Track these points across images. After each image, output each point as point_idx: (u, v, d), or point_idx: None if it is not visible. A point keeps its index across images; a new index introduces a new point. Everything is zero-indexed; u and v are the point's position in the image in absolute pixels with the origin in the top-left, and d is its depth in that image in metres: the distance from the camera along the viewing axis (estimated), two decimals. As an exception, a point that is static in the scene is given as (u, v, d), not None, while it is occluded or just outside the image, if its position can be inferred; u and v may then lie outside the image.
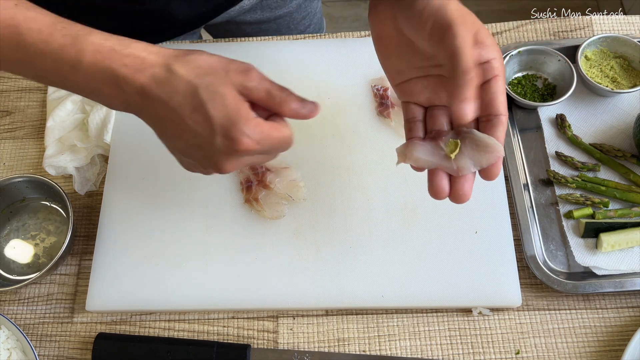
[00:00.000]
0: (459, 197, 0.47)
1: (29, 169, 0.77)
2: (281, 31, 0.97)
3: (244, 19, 0.92)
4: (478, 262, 0.66)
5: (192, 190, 0.72)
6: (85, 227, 0.73)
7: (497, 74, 0.45)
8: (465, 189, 0.47)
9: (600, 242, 0.66)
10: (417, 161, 0.48)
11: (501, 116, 0.46)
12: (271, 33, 0.96)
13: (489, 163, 0.46)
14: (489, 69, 0.45)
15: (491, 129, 0.46)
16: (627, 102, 0.75)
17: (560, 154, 0.72)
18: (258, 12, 0.92)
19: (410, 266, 0.66)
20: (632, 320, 0.64)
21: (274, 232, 0.69)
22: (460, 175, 0.47)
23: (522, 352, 0.63)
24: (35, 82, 0.49)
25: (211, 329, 0.66)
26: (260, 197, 0.69)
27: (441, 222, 0.68)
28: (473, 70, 0.43)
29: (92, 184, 0.74)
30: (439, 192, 0.48)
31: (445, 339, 0.64)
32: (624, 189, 0.69)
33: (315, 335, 0.65)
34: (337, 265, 0.66)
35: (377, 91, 0.75)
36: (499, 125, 0.46)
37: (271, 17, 0.93)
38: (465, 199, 0.47)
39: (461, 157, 0.47)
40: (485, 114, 0.46)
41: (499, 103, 0.45)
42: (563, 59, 0.74)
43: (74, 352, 0.66)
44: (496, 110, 0.45)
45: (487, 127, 0.46)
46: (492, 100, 0.45)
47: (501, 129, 0.46)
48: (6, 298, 0.69)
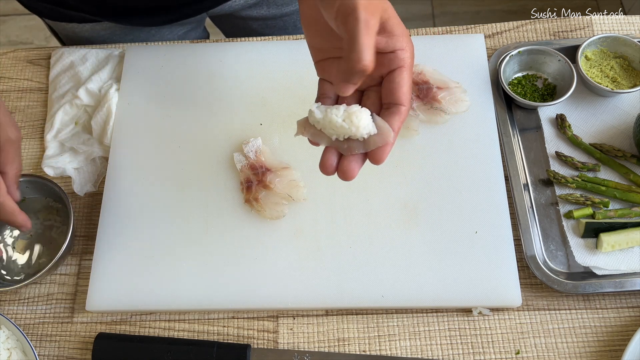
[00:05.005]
0: (344, 174, 0.48)
1: (29, 169, 0.77)
2: (288, 29, 0.97)
3: (250, 14, 0.92)
4: (478, 262, 0.66)
5: (192, 190, 0.72)
6: (85, 227, 0.73)
7: (402, 65, 0.46)
8: (352, 167, 0.48)
9: (600, 242, 0.66)
10: (313, 135, 0.50)
11: (401, 106, 0.47)
12: (277, 30, 0.96)
13: (375, 145, 0.47)
14: (394, 59, 0.46)
15: (388, 116, 0.47)
16: (627, 102, 0.75)
17: (560, 154, 0.72)
18: (264, 8, 0.92)
19: (410, 266, 0.66)
20: (632, 320, 0.64)
21: (274, 232, 0.69)
22: (349, 155, 0.48)
23: (522, 352, 0.63)
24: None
25: (211, 329, 0.66)
26: (260, 197, 0.69)
27: (441, 222, 0.68)
28: (365, 58, 0.42)
29: (92, 185, 0.74)
30: (327, 167, 0.49)
31: (445, 339, 0.64)
32: (624, 189, 0.69)
33: (315, 335, 0.65)
34: (337, 265, 0.66)
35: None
36: (396, 113, 0.47)
37: (277, 14, 0.94)
38: (350, 175, 0.48)
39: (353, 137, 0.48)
40: (387, 101, 0.48)
41: (400, 93, 0.47)
42: (563, 59, 0.74)
43: (74, 352, 0.66)
44: (396, 99, 0.47)
45: (385, 114, 0.48)
46: (393, 89, 0.47)
47: (397, 118, 0.47)
48: (6, 298, 0.69)
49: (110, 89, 0.77)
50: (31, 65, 0.84)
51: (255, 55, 0.80)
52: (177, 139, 0.75)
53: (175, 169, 0.73)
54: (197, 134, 0.75)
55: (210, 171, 0.73)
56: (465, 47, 0.78)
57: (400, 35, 0.46)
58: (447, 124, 0.73)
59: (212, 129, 0.75)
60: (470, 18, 1.97)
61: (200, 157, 0.74)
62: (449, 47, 0.78)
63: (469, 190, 0.69)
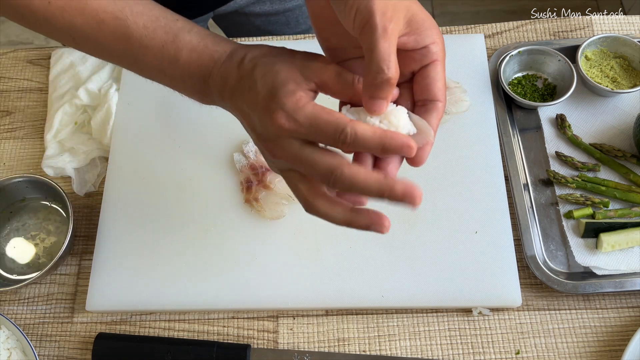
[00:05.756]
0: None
1: (29, 169, 0.77)
2: (290, 24, 0.96)
3: (252, 10, 0.92)
4: (478, 262, 0.66)
5: (192, 190, 0.72)
6: (85, 227, 0.73)
7: (436, 58, 0.43)
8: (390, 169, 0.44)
9: (600, 242, 0.66)
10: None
11: (437, 102, 0.44)
12: (280, 26, 0.96)
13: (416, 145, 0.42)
14: (426, 54, 0.43)
15: (425, 113, 0.44)
16: (627, 102, 0.75)
17: (560, 154, 0.72)
18: (267, 4, 0.91)
19: (410, 266, 0.66)
20: (632, 320, 0.64)
21: (274, 232, 0.69)
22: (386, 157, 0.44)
23: (522, 352, 0.63)
24: (136, 73, 0.52)
25: (211, 329, 0.66)
26: (260, 197, 0.69)
27: (441, 222, 0.68)
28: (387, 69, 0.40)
29: (91, 185, 0.74)
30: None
31: (445, 339, 0.64)
32: (624, 189, 0.69)
33: (315, 335, 0.65)
34: (337, 265, 0.66)
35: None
36: (433, 110, 0.44)
37: (280, 9, 0.93)
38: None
39: None
40: (421, 98, 0.44)
41: (436, 89, 0.44)
42: (563, 59, 0.74)
43: (74, 352, 0.66)
44: (432, 95, 0.44)
45: (421, 111, 0.44)
46: (428, 85, 0.44)
47: (435, 115, 0.44)
48: (6, 298, 0.69)
49: (110, 89, 0.77)
50: (31, 65, 0.84)
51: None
52: (177, 139, 0.75)
53: (175, 169, 0.73)
54: (197, 134, 0.75)
55: (210, 171, 0.73)
56: (465, 47, 0.78)
57: (429, 28, 0.43)
58: (447, 124, 0.73)
59: (212, 129, 0.75)
60: (470, 18, 1.97)
61: (200, 157, 0.74)
62: (448, 47, 0.77)
63: (469, 190, 0.69)
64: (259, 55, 0.45)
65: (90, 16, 0.48)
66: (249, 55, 0.46)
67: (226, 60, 0.47)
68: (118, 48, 0.49)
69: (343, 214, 0.44)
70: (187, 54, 0.47)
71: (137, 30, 0.48)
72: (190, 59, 0.47)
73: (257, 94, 0.43)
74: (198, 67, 0.47)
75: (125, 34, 0.48)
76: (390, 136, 0.40)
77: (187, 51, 0.47)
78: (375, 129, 0.41)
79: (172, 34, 0.48)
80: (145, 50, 0.48)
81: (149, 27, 0.48)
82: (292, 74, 0.43)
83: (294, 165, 0.44)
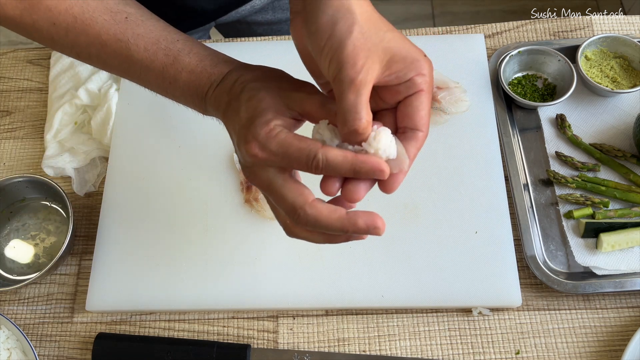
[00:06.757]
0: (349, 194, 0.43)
1: (29, 169, 0.77)
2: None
3: (255, 19, 0.92)
4: (478, 262, 0.66)
5: (192, 190, 0.72)
6: (85, 227, 0.73)
7: (421, 89, 0.43)
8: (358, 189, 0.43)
9: (600, 242, 0.66)
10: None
11: (418, 132, 0.43)
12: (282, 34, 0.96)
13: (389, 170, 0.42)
14: (410, 85, 0.43)
15: (404, 140, 0.43)
16: (627, 102, 0.75)
17: (560, 154, 0.72)
18: (269, 12, 0.91)
19: (410, 266, 0.66)
20: (632, 320, 0.64)
21: (274, 232, 0.69)
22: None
23: (522, 352, 0.63)
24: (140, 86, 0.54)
25: (211, 329, 0.66)
26: (260, 197, 0.69)
27: (441, 222, 0.68)
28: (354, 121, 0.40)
29: (91, 185, 0.74)
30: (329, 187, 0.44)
31: (445, 339, 0.64)
32: (624, 189, 0.69)
33: (315, 335, 0.65)
34: (337, 265, 0.66)
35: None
36: (412, 139, 0.43)
37: (282, 18, 0.93)
38: (355, 197, 0.43)
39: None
40: (402, 125, 0.44)
41: (418, 117, 0.43)
42: (563, 59, 0.74)
43: (74, 352, 0.66)
44: (413, 124, 0.43)
45: (401, 138, 0.43)
46: (410, 114, 0.43)
47: (414, 144, 0.43)
48: (6, 298, 0.69)
49: (110, 89, 0.77)
50: (31, 65, 0.84)
51: (255, 55, 0.80)
52: (177, 139, 0.75)
53: (175, 168, 0.73)
54: (197, 134, 0.75)
55: (210, 171, 0.73)
56: (465, 47, 0.78)
57: (413, 61, 0.42)
58: (447, 124, 0.73)
59: (212, 129, 0.75)
60: (470, 18, 1.97)
61: (200, 157, 0.74)
62: (449, 47, 0.78)
63: (469, 190, 0.69)
64: (249, 80, 0.46)
65: (93, 37, 0.50)
66: (240, 79, 0.47)
67: (220, 83, 0.48)
68: (121, 67, 0.51)
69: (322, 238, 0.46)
70: (187, 75, 0.49)
71: (138, 53, 0.50)
72: (189, 80, 0.49)
73: (240, 120, 0.44)
74: (196, 88, 0.49)
75: (127, 56, 0.50)
76: (362, 160, 0.41)
77: (186, 73, 0.49)
78: (347, 154, 0.41)
79: (172, 56, 0.50)
80: (147, 71, 0.50)
81: (149, 49, 0.50)
82: (274, 103, 0.44)
83: (266, 194, 0.46)
